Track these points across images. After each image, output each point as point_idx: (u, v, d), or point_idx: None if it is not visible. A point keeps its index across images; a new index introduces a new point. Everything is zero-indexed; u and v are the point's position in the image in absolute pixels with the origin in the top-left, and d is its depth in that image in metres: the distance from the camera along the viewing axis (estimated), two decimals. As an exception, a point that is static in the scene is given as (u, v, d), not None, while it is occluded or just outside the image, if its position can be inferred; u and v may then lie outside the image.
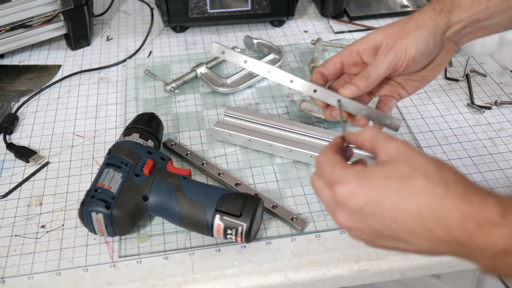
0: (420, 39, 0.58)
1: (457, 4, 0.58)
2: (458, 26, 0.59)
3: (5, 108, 0.83)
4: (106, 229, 0.60)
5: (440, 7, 0.59)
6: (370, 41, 0.60)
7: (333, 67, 0.62)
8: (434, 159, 0.44)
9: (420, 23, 0.58)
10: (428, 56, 0.59)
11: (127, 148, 0.65)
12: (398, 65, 0.58)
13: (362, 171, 0.44)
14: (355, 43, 0.61)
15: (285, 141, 0.72)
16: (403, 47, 0.58)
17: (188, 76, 0.87)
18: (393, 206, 0.42)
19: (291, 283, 0.59)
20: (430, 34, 0.58)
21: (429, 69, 0.61)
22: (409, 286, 1.32)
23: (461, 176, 0.43)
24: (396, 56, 0.58)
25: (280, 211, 0.65)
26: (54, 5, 0.91)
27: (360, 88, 0.59)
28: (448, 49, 0.61)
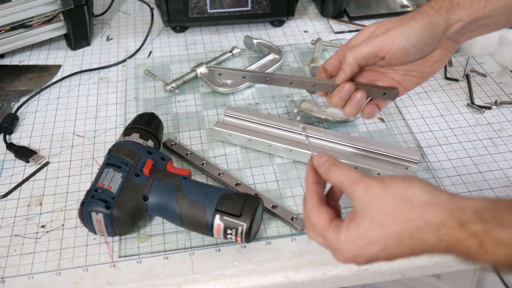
0: (413, 30, 0.58)
1: (456, 3, 0.58)
2: (457, 26, 0.59)
3: (5, 108, 0.83)
4: (106, 229, 0.60)
5: (438, 6, 0.59)
6: (364, 33, 0.61)
7: (331, 63, 0.64)
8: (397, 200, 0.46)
9: (416, 16, 0.59)
10: (420, 49, 0.59)
11: (127, 148, 0.65)
12: (383, 50, 0.58)
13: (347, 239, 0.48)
14: (350, 39, 0.63)
15: (285, 141, 0.72)
16: (393, 36, 0.58)
17: (188, 76, 0.87)
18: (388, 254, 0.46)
19: (291, 283, 0.59)
20: (425, 28, 0.58)
21: (426, 65, 0.61)
22: (409, 286, 1.32)
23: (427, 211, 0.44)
24: (382, 42, 0.58)
25: (280, 211, 0.65)
26: (54, 5, 0.91)
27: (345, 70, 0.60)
28: (446, 47, 0.61)
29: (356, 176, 0.48)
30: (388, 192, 0.46)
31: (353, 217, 0.48)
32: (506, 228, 0.41)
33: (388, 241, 0.45)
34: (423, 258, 0.60)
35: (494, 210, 0.42)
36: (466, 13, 0.58)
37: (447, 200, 0.44)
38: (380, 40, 0.59)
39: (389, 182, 0.47)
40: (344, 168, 0.50)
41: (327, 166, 0.51)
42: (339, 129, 0.78)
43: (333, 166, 0.51)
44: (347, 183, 0.49)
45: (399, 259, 0.47)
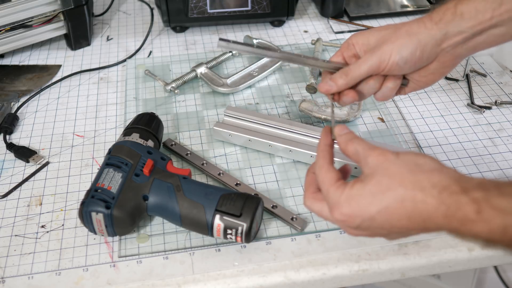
0: (407, 47, 0.57)
1: (459, 13, 0.56)
2: (458, 38, 0.57)
3: (5, 108, 0.83)
4: (106, 229, 0.60)
5: (438, 17, 0.57)
6: (364, 37, 0.61)
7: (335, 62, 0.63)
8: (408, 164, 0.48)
9: (411, 31, 0.58)
10: (413, 64, 0.59)
11: (127, 148, 0.65)
12: (380, 67, 0.58)
13: (350, 194, 0.49)
14: (353, 36, 0.62)
15: (285, 141, 0.72)
16: (389, 52, 0.58)
17: (188, 76, 0.87)
18: (385, 218, 0.48)
19: (291, 283, 0.59)
20: (418, 44, 0.57)
21: (422, 75, 0.61)
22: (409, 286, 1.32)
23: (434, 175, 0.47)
24: (379, 59, 0.58)
25: (280, 211, 0.65)
26: (54, 5, 0.91)
27: (338, 84, 0.60)
28: (443, 62, 0.59)
29: (372, 145, 0.51)
30: (400, 158, 0.49)
31: (360, 179, 0.50)
32: (505, 196, 0.43)
33: (389, 202, 0.47)
34: (423, 258, 0.60)
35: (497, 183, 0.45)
36: (470, 24, 0.56)
37: (454, 171, 0.47)
38: (376, 56, 0.58)
39: (403, 153, 0.50)
40: (362, 140, 0.53)
41: (349, 137, 0.54)
42: (339, 129, 0.78)
43: (354, 138, 0.53)
44: (363, 150, 0.51)
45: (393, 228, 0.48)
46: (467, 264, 0.61)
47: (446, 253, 0.60)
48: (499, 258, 0.62)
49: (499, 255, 0.61)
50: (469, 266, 0.62)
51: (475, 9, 0.56)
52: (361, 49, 0.61)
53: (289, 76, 0.89)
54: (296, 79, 0.89)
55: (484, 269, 1.32)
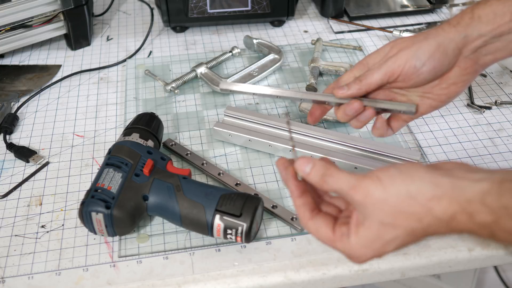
0: (425, 49, 0.56)
1: (477, 17, 0.55)
2: (478, 42, 0.55)
3: (5, 108, 0.83)
4: (106, 229, 0.60)
5: (456, 21, 0.56)
6: (380, 53, 0.59)
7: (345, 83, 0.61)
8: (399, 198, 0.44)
9: (430, 35, 0.56)
10: (433, 68, 0.56)
11: (127, 148, 0.65)
12: (395, 72, 0.57)
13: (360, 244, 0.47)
14: (366, 57, 0.61)
15: (285, 141, 0.72)
16: (405, 56, 0.56)
17: (188, 76, 0.87)
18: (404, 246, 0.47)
19: (291, 283, 0.59)
20: (438, 46, 0.55)
21: (443, 87, 0.58)
22: (409, 286, 1.32)
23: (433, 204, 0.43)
24: (394, 64, 0.56)
25: (280, 211, 0.65)
26: (54, 5, 0.91)
27: (351, 89, 0.58)
28: (465, 68, 0.57)
29: (351, 182, 0.46)
30: (389, 192, 0.45)
31: (359, 221, 0.47)
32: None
33: (403, 238, 0.45)
34: (423, 258, 0.60)
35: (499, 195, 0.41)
36: (489, 27, 0.55)
37: (450, 188, 0.43)
38: (391, 62, 0.56)
39: (387, 181, 0.45)
40: (336, 176, 0.47)
41: (318, 176, 0.49)
42: (339, 129, 0.78)
43: (325, 177, 0.48)
44: (344, 192, 0.47)
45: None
46: (467, 264, 0.61)
47: (446, 253, 0.60)
48: (499, 258, 0.62)
49: (499, 255, 0.61)
50: (469, 266, 0.62)
51: (493, 12, 0.54)
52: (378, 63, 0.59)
53: (289, 76, 0.89)
54: (296, 79, 0.89)
55: (484, 269, 1.32)
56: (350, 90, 0.59)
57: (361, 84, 0.58)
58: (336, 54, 0.94)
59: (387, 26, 1.02)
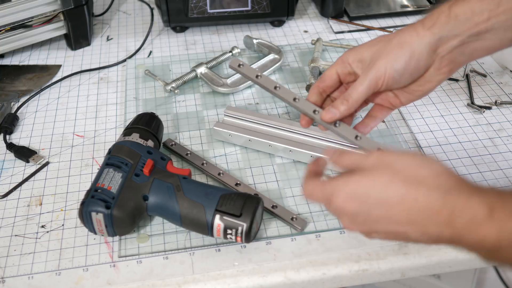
0: (399, 59, 0.56)
1: (454, 15, 0.54)
2: (455, 42, 0.55)
3: (5, 108, 0.83)
4: (106, 229, 0.60)
5: (431, 22, 0.55)
6: (358, 53, 0.59)
7: (330, 79, 0.62)
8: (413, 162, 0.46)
9: (403, 41, 0.56)
10: (409, 75, 0.57)
11: (127, 148, 0.65)
12: (378, 85, 0.57)
13: (348, 180, 0.47)
14: (346, 54, 0.61)
15: (285, 141, 0.72)
16: (383, 67, 0.56)
17: (188, 76, 0.87)
18: (383, 211, 0.46)
19: (291, 283, 0.59)
20: (412, 54, 0.55)
21: (418, 84, 0.59)
22: (409, 286, 1.32)
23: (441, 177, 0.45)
24: (375, 76, 0.57)
25: (280, 211, 0.65)
26: (54, 5, 0.91)
27: (341, 111, 0.59)
28: (439, 68, 0.57)
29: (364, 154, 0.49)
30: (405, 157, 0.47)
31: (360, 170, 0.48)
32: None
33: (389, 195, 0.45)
34: (423, 258, 0.60)
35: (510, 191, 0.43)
36: (466, 27, 0.54)
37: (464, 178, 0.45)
38: (372, 74, 0.57)
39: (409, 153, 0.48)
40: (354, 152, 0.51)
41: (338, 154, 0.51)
42: (339, 129, 0.78)
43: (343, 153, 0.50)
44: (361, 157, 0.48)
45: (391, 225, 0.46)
46: (467, 264, 0.61)
47: (446, 253, 0.60)
48: (499, 258, 0.62)
49: (499, 255, 0.61)
50: (469, 266, 0.62)
51: (471, 10, 0.54)
52: (357, 66, 0.59)
53: (289, 76, 0.89)
54: (296, 79, 0.89)
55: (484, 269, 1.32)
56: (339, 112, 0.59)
57: (348, 103, 0.58)
58: (336, 54, 0.94)
59: (387, 26, 1.02)
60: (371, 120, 0.64)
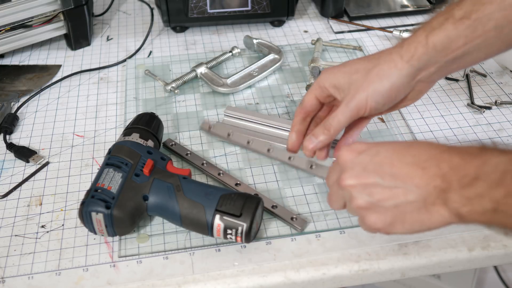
0: (380, 91, 0.57)
1: (432, 46, 0.55)
2: (433, 69, 0.57)
3: (5, 108, 0.83)
4: (106, 229, 0.60)
5: (409, 54, 0.56)
6: (334, 79, 0.60)
7: (310, 104, 0.63)
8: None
9: (382, 74, 0.57)
10: (391, 102, 0.59)
11: (127, 148, 0.65)
12: (359, 114, 0.59)
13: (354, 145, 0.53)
14: (322, 79, 0.61)
15: (285, 141, 0.72)
16: (364, 99, 0.57)
17: (188, 76, 0.87)
18: (389, 154, 0.49)
19: (291, 283, 0.59)
20: (392, 86, 0.57)
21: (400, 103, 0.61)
22: (409, 286, 1.32)
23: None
24: (356, 107, 0.58)
25: (280, 211, 0.65)
26: (54, 5, 0.91)
27: (321, 140, 0.60)
28: (420, 90, 0.60)
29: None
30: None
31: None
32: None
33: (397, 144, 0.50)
34: (423, 258, 0.60)
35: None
36: (443, 54, 0.55)
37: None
38: (353, 105, 0.58)
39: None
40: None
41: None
42: (339, 129, 0.78)
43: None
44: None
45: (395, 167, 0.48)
46: (467, 264, 0.61)
47: (446, 253, 0.60)
48: (499, 258, 0.62)
49: (499, 255, 0.61)
50: (469, 266, 0.62)
51: (448, 37, 0.55)
52: (334, 91, 0.60)
53: (289, 76, 0.89)
54: (296, 79, 0.89)
55: (484, 269, 1.32)
56: (321, 142, 0.61)
57: (329, 133, 0.60)
58: (336, 54, 0.94)
59: (387, 26, 1.02)
60: (354, 131, 0.64)
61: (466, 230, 0.62)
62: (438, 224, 0.47)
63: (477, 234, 0.62)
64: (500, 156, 0.44)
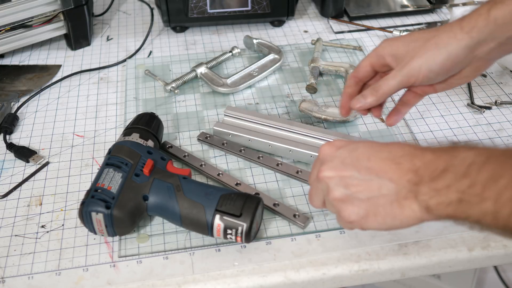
0: (435, 60, 0.57)
1: (493, 19, 0.54)
2: (492, 45, 0.56)
3: (5, 108, 0.83)
4: (106, 229, 0.60)
5: (469, 26, 0.55)
6: (393, 48, 0.61)
7: (363, 70, 0.64)
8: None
9: (440, 42, 0.57)
10: (445, 74, 0.59)
11: (127, 148, 0.65)
12: (410, 81, 0.59)
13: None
14: (381, 47, 0.63)
15: (285, 141, 0.72)
16: (417, 66, 0.58)
17: (188, 76, 0.87)
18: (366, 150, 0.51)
19: (291, 283, 0.59)
20: (449, 55, 0.56)
21: (455, 78, 0.61)
22: (409, 286, 1.32)
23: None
24: (408, 73, 0.58)
25: (282, 208, 0.65)
26: (54, 5, 0.91)
27: (368, 101, 0.62)
28: (477, 66, 0.59)
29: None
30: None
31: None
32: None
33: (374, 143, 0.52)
34: (423, 258, 0.60)
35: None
36: (504, 30, 0.54)
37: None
38: (406, 71, 0.58)
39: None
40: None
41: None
42: (339, 129, 0.78)
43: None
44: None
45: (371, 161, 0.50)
46: (467, 264, 0.61)
47: (446, 253, 0.60)
48: (499, 258, 0.62)
49: (499, 255, 0.61)
50: (469, 266, 0.62)
51: (510, 13, 0.54)
52: (391, 60, 0.61)
53: (289, 76, 0.89)
54: (296, 79, 0.89)
55: (484, 269, 1.32)
56: (368, 102, 0.62)
57: (377, 95, 0.61)
58: (336, 54, 0.94)
59: (387, 26, 1.02)
60: (404, 107, 0.66)
61: (466, 230, 0.62)
62: (409, 219, 0.48)
63: (477, 234, 0.62)
64: (468, 151, 0.45)
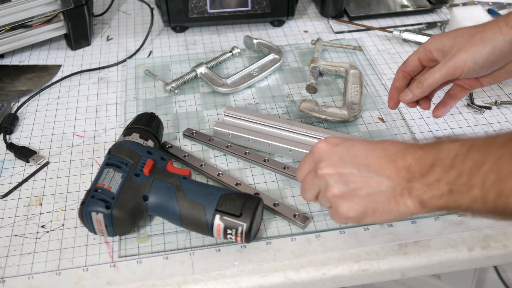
0: (481, 54, 0.59)
1: None
2: None
3: (5, 108, 0.83)
4: (106, 229, 0.60)
5: None
6: (440, 43, 0.63)
7: (411, 64, 0.67)
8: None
9: (486, 37, 0.59)
10: (489, 68, 0.60)
11: (127, 148, 0.65)
12: (455, 74, 0.61)
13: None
14: (428, 42, 0.65)
15: (285, 141, 0.72)
16: (463, 59, 0.59)
17: (188, 76, 0.87)
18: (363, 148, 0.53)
19: (291, 283, 0.59)
20: (494, 49, 0.58)
21: (502, 72, 0.63)
22: (409, 286, 1.32)
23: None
24: (454, 66, 0.60)
25: (282, 208, 0.65)
26: (54, 5, 0.91)
27: (415, 94, 0.65)
28: None
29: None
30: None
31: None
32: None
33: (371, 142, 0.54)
34: (423, 258, 0.60)
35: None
36: None
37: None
38: (451, 64, 0.60)
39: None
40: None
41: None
42: (339, 129, 0.78)
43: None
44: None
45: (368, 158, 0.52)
46: (467, 264, 0.61)
47: (446, 253, 0.60)
48: (499, 258, 0.62)
49: (499, 255, 0.61)
50: (469, 266, 0.62)
51: None
52: (438, 54, 0.63)
53: (289, 76, 0.89)
54: (296, 79, 0.89)
55: (484, 269, 1.32)
56: (415, 95, 0.65)
57: (423, 87, 0.63)
58: (336, 54, 0.94)
59: (387, 26, 1.02)
60: (450, 100, 0.69)
61: (466, 230, 0.62)
62: (403, 214, 0.51)
63: (477, 234, 0.62)
64: (452, 143, 0.47)
